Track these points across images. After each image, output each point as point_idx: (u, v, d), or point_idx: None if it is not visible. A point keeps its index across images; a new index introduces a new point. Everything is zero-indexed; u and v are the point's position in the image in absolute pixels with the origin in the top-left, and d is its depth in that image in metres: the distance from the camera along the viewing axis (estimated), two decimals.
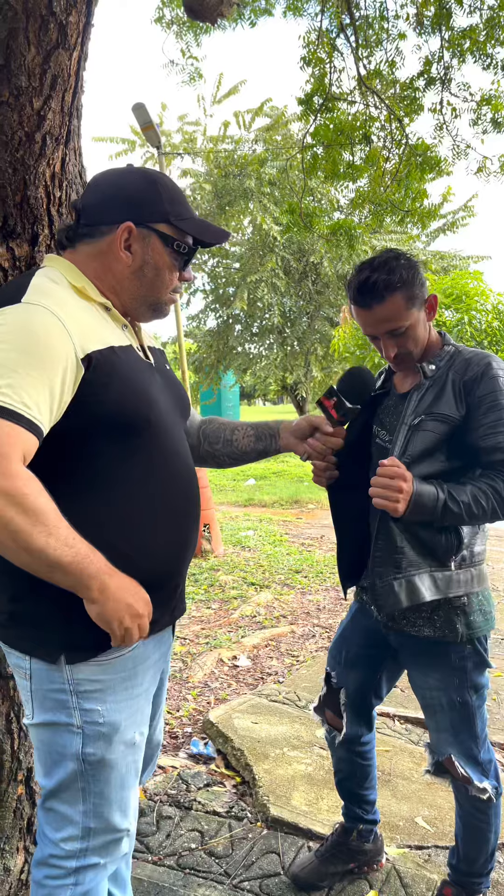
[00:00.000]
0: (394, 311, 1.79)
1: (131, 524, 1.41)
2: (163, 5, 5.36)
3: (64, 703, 1.39)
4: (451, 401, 1.80)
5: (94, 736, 1.40)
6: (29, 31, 1.63)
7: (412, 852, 2.38)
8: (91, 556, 1.28)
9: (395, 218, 5.93)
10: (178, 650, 4.45)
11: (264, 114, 16.15)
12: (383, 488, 1.70)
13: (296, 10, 5.21)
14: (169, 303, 1.56)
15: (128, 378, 1.40)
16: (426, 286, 1.86)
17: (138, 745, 1.48)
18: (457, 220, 16.71)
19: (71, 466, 1.37)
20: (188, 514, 1.55)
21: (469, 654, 1.86)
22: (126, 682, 1.44)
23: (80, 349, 1.32)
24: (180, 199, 1.51)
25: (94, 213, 1.47)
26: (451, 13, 4.74)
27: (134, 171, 1.52)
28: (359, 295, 1.82)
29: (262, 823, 2.55)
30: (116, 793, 1.45)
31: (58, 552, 1.23)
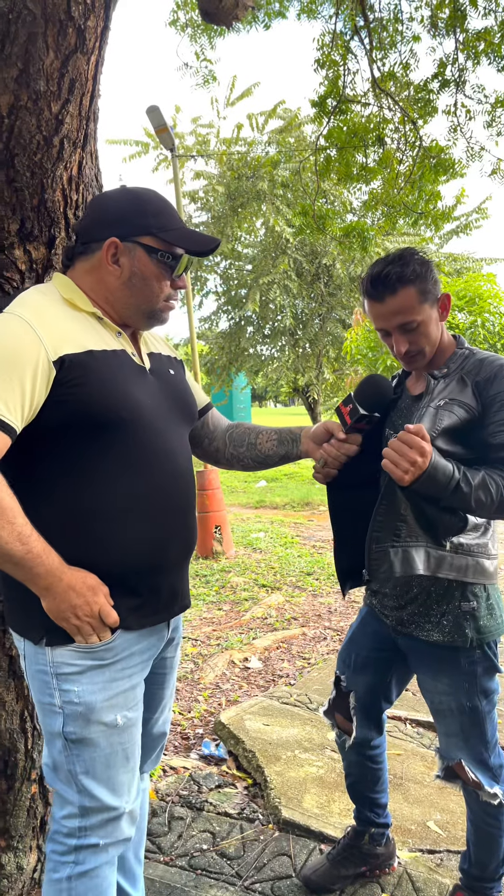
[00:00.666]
0: (406, 303, 1.79)
1: (102, 517, 1.48)
2: (177, 8, 5.38)
3: (48, 683, 1.49)
4: (470, 394, 1.80)
5: (72, 715, 1.48)
6: (48, 36, 1.65)
7: (424, 856, 2.38)
8: (42, 556, 1.38)
9: (408, 220, 5.92)
10: (190, 651, 4.46)
11: (277, 116, 16.16)
12: (398, 454, 1.64)
13: (310, 12, 5.22)
14: (164, 310, 1.64)
15: (104, 379, 1.47)
16: (440, 285, 1.86)
17: (124, 727, 1.53)
18: (470, 222, 16.66)
19: (47, 461, 1.47)
20: (171, 510, 1.59)
21: (479, 659, 1.86)
22: (104, 668, 1.51)
23: (53, 352, 1.42)
24: (165, 212, 1.60)
25: (86, 233, 1.60)
26: (466, 15, 4.73)
27: (122, 191, 1.64)
28: (372, 287, 1.82)
29: (273, 825, 2.55)
30: (103, 771, 1.51)
31: (9, 546, 1.34)
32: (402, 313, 1.80)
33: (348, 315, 17.50)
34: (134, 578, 1.54)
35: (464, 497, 1.68)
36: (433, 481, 1.66)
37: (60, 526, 1.45)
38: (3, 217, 1.78)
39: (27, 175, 1.75)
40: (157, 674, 1.74)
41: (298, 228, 6.47)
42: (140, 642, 1.58)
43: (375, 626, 2.07)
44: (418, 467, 1.63)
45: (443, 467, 1.67)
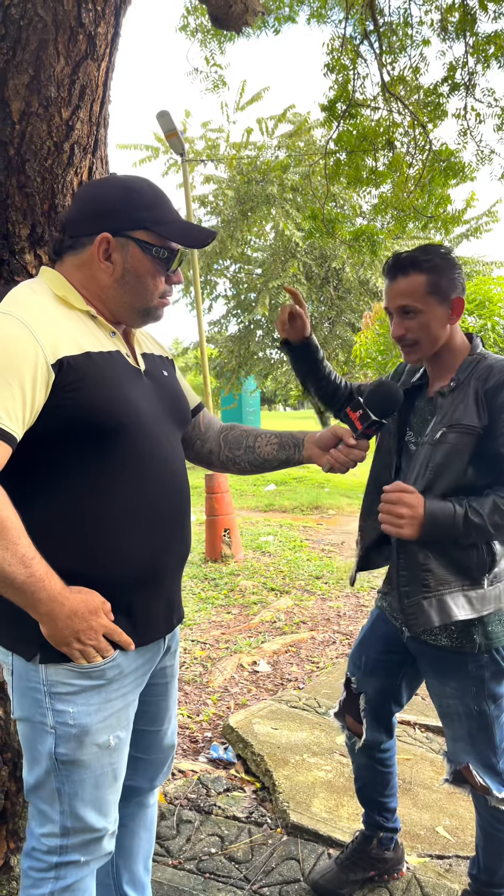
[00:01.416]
0: (411, 288, 1.81)
1: (100, 528, 1.42)
2: (187, 14, 5.41)
3: (39, 701, 1.42)
4: (473, 410, 1.78)
5: (65, 737, 1.41)
6: (58, 43, 1.66)
7: (433, 861, 2.37)
8: (45, 581, 1.30)
9: (418, 224, 5.92)
10: (198, 654, 4.46)
11: (287, 120, 16.20)
12: (387, 514, 1.73)
13: (320, 17, 5.23)
14: (159, 307, 1.56)
15: (102, 382, 1.41)
16: (458, 287, 1.84)
17: (115, 747, 1.49)
18: (480, 225, 16.64)
19: (43, 468, 1.40)
20: (169, 519, 1.54)
21: (487, 664, 1.85)
22: (101, 688, 1.44)
23: (51, 354, 1.34)
24: (159, 204, 1.51)
25: (75, 226, 1.50)
26: (476, 19, 4.73)
27: (113, 182, 1.53)
28: (389, 266, 1.86)
29: (281, 829, 2.54)
30: (91, 793, 1.46)
31: (11, 569, 1.26)
32: (405, 296, 1.82)
33: (358, 318, 17.49)
34: (132, 593, 1.48)
35: (480, 528, 1.70)
36: (437, 526, 1.70)
37: (56, 537, 1.38)
38: (14, 222, 1.80)
39: (38, 180, 1.76)
40: (159, 684, 1.69)
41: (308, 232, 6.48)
42: (137, 660, 1.53)
43: (386, 629, 2.07)
44: (412, 518, 1.69)
45: (441, 508, 1.70)
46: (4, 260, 1.82)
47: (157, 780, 1.80)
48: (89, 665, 1.41)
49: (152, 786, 1.79)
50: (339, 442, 1.75)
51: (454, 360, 1.89)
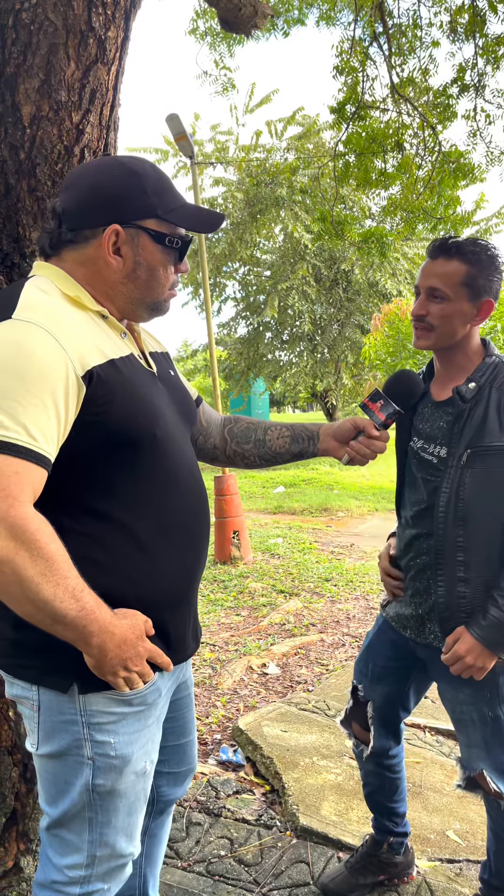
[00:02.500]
0: (448, 272, 1.77)
1: (139, 546, 1.35)
2: (197, 17, 5.43)
3: (75, 734, 1.33)
4: (496, 426, 1.74)
5: (105, 768, 1.34)
6: (69, 47, 1.67)
7: (443, 865, 2.36)
8: (96, 612, 1.22)
9: (427, 225, 5.91)
10: (208, 657, 4.46)
11: (296, 122, 16.23)
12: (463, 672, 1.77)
13: (329, 19, 5.24)
14: (168, 299, 1.47)
15: (131, 393, 1.32)
16: (493, 292, 1.81)
17: (149, 772, 1.44)
18: (490, 226, 16.58)
19: (76, 489, 1.31)
20: (198, 530, 1.48)
21: (500, 669, 1.83)
22: (140, 714, 1.39)
23: (80, 366, 1.24)
24: (167, 187, 1.41)
25: (75, 218, 1.36)
26: (486, 20, 4.72)
27: (112, 164, 1.40)
28: (434, 246, 1.83)
29: (291, 832, 2.54)
30: (124, 820, 1.40)
31: (64, 605, 1.18)
32: (439, 279, 1.78)
33: (367, 320, 17.48)
34: (167, 612, 1.42)
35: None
36: (497, 640, 1.73)
37: (90, 559, 1.28)
38: (24, 225, 1.80)
39: (48, 184, 1.77)
40: (183, 697, 1.66)
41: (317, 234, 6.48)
42: (169, 680, 1.49)
43: (393, 636, 2.05)
44: (480, 658, 1.75)
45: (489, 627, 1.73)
46: (15, 263, 1.83)
47: (186, 785, 1.78)
48: (131, 692, 1.34)
49: (183, 792, 1.78)
50: (358, 433, 1.70)
51: (468, 362, 1.86)
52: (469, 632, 1.75)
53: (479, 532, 1.77)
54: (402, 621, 1.98)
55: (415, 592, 1.93)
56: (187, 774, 1.75)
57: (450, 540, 1.80)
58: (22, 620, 1.23)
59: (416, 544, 1.91)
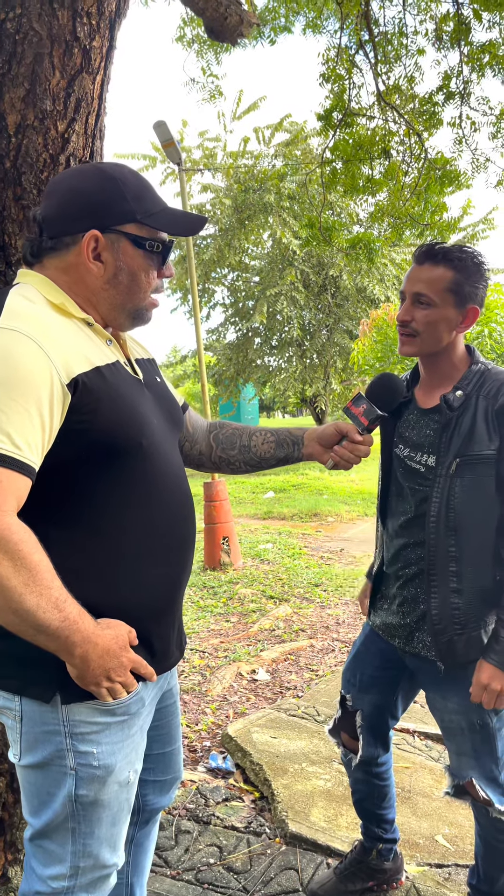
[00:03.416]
0: (434, 278, 1.77)
1: (124, 556, 1.35)
2: (184, 25, 5.44)
3: (58, 744, 1.32)
4: (484, 434, 1.75)
5: (87, 778, 1.33)
6: (54, 57, 1.68)
7: (432, 870, 2.36)
8: (79, 622, 1.22)
9: (414, 231, 5.94)
10: (197, 663, 4.46)
11: (284, 129, 16.31)
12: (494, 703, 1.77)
13: (315, 27, 5.27)
14: (150, 307, 1.46)
15: (116, 400, 1.32)
16: (478, 299, 1.81)
17: (133, 782, 1.43)
18: (477, 232, 16.70)
19: (60, 498, 1.30)
20: (184, 539, 1.48)
21: None
22: (124, 724, 1.38)
23: (65, 374, 1.23)
24: (146, 191, 1.40)
25: (55, 225, 1.36)
26: (471, 28, 4.77)
27: (91, 170, 1.40)
28: (420, 252, 1.83)
29: (280, 839, 2.54)
30: (107, 830, 1.39)
31: (47, 615, 1.17)
32: (425, 284, 1.78)
33: (355, 326, 17.55)
34: (151, 622, 1.41)
35: None
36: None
37: (73, 569, 1.27)
38: (10, 233, 1.80)
39: (34, 193, 1.77)
40: (168, 705, 1.65)
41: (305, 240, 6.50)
42: (153, 689, 1.48)
43: (380, 644, 2.05)
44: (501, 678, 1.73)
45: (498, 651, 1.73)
46: (1, 271, 1.83)
47: (172, 794, 1.78)
48: (114, 702, 1.33)
49: (169, 801, 1.77)
50: (342, 438, 1.70)
51: (454, 370, 1.86)
52: (487, 661, 1.75)
53: (470, 541, 1.78)
54: (390, 630, 1.98)
55: (403, 602, 1.93)
56: (173, 783, 1.75)
57: (441, 550, 1.80)
58: (4, 630, 1.22)
59: (404, 554, 1.91)
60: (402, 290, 1.86)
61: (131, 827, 1.69)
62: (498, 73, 4.90)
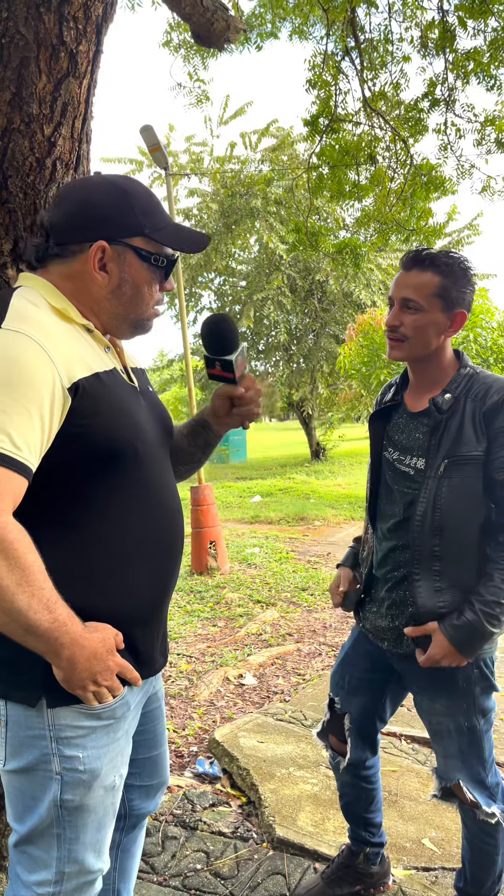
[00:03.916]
0: (422, 284, 1.79)
1: (115, 560, 1.36)
2: (171, 29, 5.45)
3: (43, 749, 1.32)
4: (472, 436, 1.77)
5: (73, 783, 1.33)
6: (40, 60, 1.67)
7: (419, 874, 2.37)
8: (68, 625, 1.23)
9: (400, 236, 5.98)
10: (184, 668, 4.44)
11: (270, 134, 16.35)
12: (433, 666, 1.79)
13: (301, 33, 5.29)
14: (151, 318, 1.48)
15: (115, 406, 1.34)
16: (465, 303, 1.83)
17: (118, 787, 1.43)
18: (462, 238, 16.79)
19: (54, 500, 1.31)
20: (173, 545, 1.49)
21: (476, 679, 1.85)
22: (108, 728, 1.38)
23: (67, 378, 1.26)
24: (154, 207, 1.43)
25: (63, 232, 1.38)
26: (455, 36, 4.81)
27: (102, 182, 1.42)
28: (408, 258, 1.85)
29: (267, 844, 2.53)
30: (93, 836, 1.39)
31: (38, 616, 1.18)
32: (413, 290, 1.80)
33: (342, 330, 17.60)
34: (137, 627, 1.42)
35: (502, 609, 1.74)
36: (469, 642, 1.75)
37: (64, 572, 1.27)
38: None
39: (20, 196, 1.77)
40: (153, 709, 1.65)
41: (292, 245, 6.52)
42: (138, 694, 1.48)
43: (369, 647, 2.06)
44: (449, 657, 1.76)
45: (461, 628, 1.75)
46: None
47: (159, 799, 1.77)
48: (100, 706, 1.34)
49: (155, 806, 1.77)
50: (231, 401, 1.67)
51: (442, 374, 1.88)
52: (441, 630, 1.76)
53: (455, 540, 1.80)
54: (379, 633, 1.99)
55: (392, 604, 1.94)
56: (159, 787, 1.74)
57: (426, 550, 1.82)
58: None
59: (394, 557, 1.92)
60: (391, 296, 1.88)
61: (117, 832, 1.68)
62: (482, 81, 4.94)
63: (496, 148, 5.17)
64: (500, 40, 4.69)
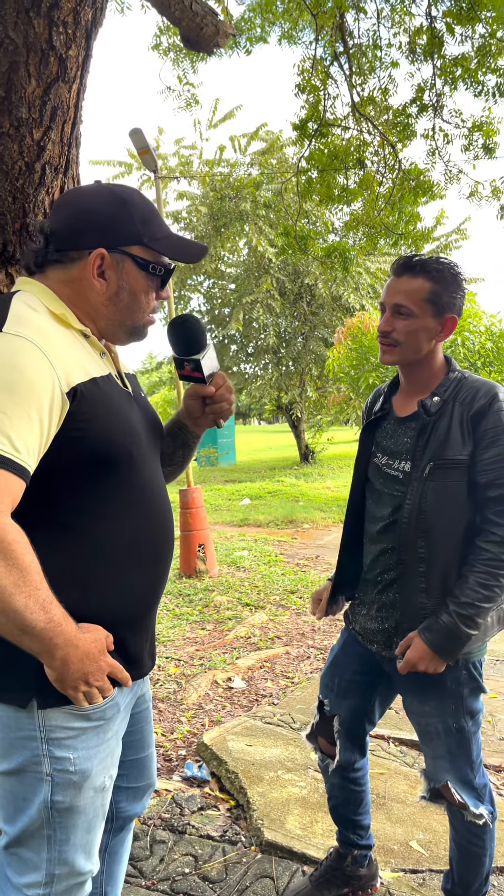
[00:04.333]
0: (413, 289, 1.81)
1: (108, 562, 1.38)
2: (160, 33, 5.46)
3: (33, 749, 1.33)
4: (458, 439, 1.78)
5: (63, 784, 1.34)
6: (29, 65, 1.68)
7: (406, 876, 2.37)
8: (62, 625, 1.25)
9: (388, 241, 6.01)
10: (173, 671, 4.44)
11: (260, 138, 16.38)
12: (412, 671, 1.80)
13: (290, 38, 5.32)
14: (147, 325, 1.51)
15: (111, 410, 1.36)
16: (455, 308, 1.85)
17: (108, 788, 1.44)
18: (450, 242, 16.91)
19: (50, 503, 1.33)
20: (164, 549, 1.51)
21: (465, 680, 1.86)
22: (98, 729, 1.39)
23: (65, 382, 1.28)
24: (153, 216, 1.45)
25: (63, 239, 1.40)
26: (443, 42, 4.85)
27: (102, 191, 1.44)
28: (398, 264, 1.86)
29: (256, 847, 2.53)
30: (82, 837, 1.39)
31: (34, 616, 1.20)
32: (404, 295, 1.82)
33: (330, 334, 17.65)
34: (128, 629, 1.44)
35: (477, 611, 1.74)
36: (448, 646, 1.76)
37: (58, 574, 1.28)
38: None
39: (9, 200, 1.77)
40: (141, 711, 1.66)
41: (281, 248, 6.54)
42: (127, 696, 1.50)
43: (359, 649, 2.07)
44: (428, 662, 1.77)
45: (438, 633, 1.75)
46: None
47: (146, 802, 1.78)
48: (90, 707, 1.35)
49: (142, 809, 1.77)
50: (203, 401, 1.67)
51: (432, 378, 1.90)
52: (420, 637, 1.78)
53: (439, 543, 1.81)
54: (369, 636, 2.00)
55: (381, 606, 1.95)
56: (146, 790, 1.75)
57: (411, 552, 1.83)
58: None
59: (383, 559, 1.94)
60: (382, 302, 1.91)
61: (105, 835, 1.69)
62: (470, 87, 4.98)
63: (483, 153, 5.21)
64: (488, 46, 4.73)
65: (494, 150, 5.21)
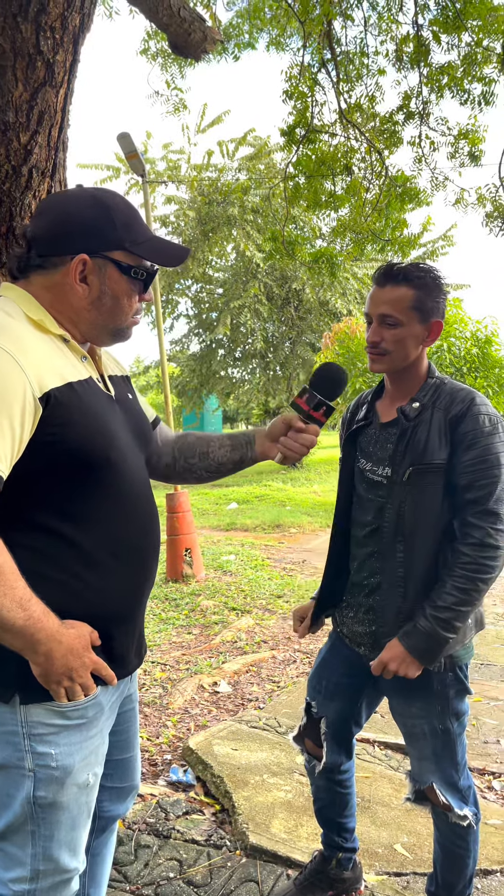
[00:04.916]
0: (397, 298, 1.83)
1: (88, 563, 1.39)
2: (148, 38, 5.48)
3: (16, 745, 1.34)
4: (437, 444, 1.80)
5: (46, 779, 1.35)
6: (17, 69, 1.68)
7: (391, 879, 2.38)
8: (43, 621, 1.26)
9: (375, 246, 6.05)
10: (158, 676, 4.43)
11: (248, 143, 16.44)
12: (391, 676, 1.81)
13: (278, 44, 5.35)
14: (130, 326, 1.51)
15: (87, 415, 1.36)
16: (440, 313, 1.87)
17: (92, 785, 1.44)
18: (436, 248, 17.02)
19: (27, 506, 1.34)
20: (146, 553, 1.52)
21: (451, 682, 1.88)
22: (82, 726, 1.40)
23: (38, 388, 1.28)
24: (135, 221, 1.45)
25: (45, 244, 1.41)
26: (430, 50, 4.89)
27: (84, 196, 1.44)
28: (380, 274, 1.87)
29: (241, 852, 2.53)
30: (67, 834, 1.40)
31: (11, 614, 1.21)
32: (389, 305, 1.83)
33: (318, 339, 17.71)
34: (113, 628, 1.45)
35: (455, 615, 1.75)
36: (427, 650, 1.77)
37: (38, 575, 1.30)
38: None
39: None
40: (127, 711, 1.66)
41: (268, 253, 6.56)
42: (113, 695, 1.50)
43: (346, 652, 2.08)
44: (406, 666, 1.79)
45: (416, 638, 1.77)
46: None
47: (129, 803, 1.78)
48: (70, 705, 1.36)
49: (125, 810, 1.77)
50: (289, 429, 1.69)
51: (415, 383, 1.92)
52: (400, 641, 1.80)
53: (418, 548, 1.83)
54: (357, 638, 2.01)
55: (368, 610, 1.97)
56: (130, 791, 1.75)
57: (390, 556, 1.85)
58: None
59: (369, 563, 1.95)
60: (367, 313, 1.92)
61: (88, 835, 1.68)
62: (456, 95, 5.03)
63: (469, 161, 5.26)
64: (474, 55, 4.78)
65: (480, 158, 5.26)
